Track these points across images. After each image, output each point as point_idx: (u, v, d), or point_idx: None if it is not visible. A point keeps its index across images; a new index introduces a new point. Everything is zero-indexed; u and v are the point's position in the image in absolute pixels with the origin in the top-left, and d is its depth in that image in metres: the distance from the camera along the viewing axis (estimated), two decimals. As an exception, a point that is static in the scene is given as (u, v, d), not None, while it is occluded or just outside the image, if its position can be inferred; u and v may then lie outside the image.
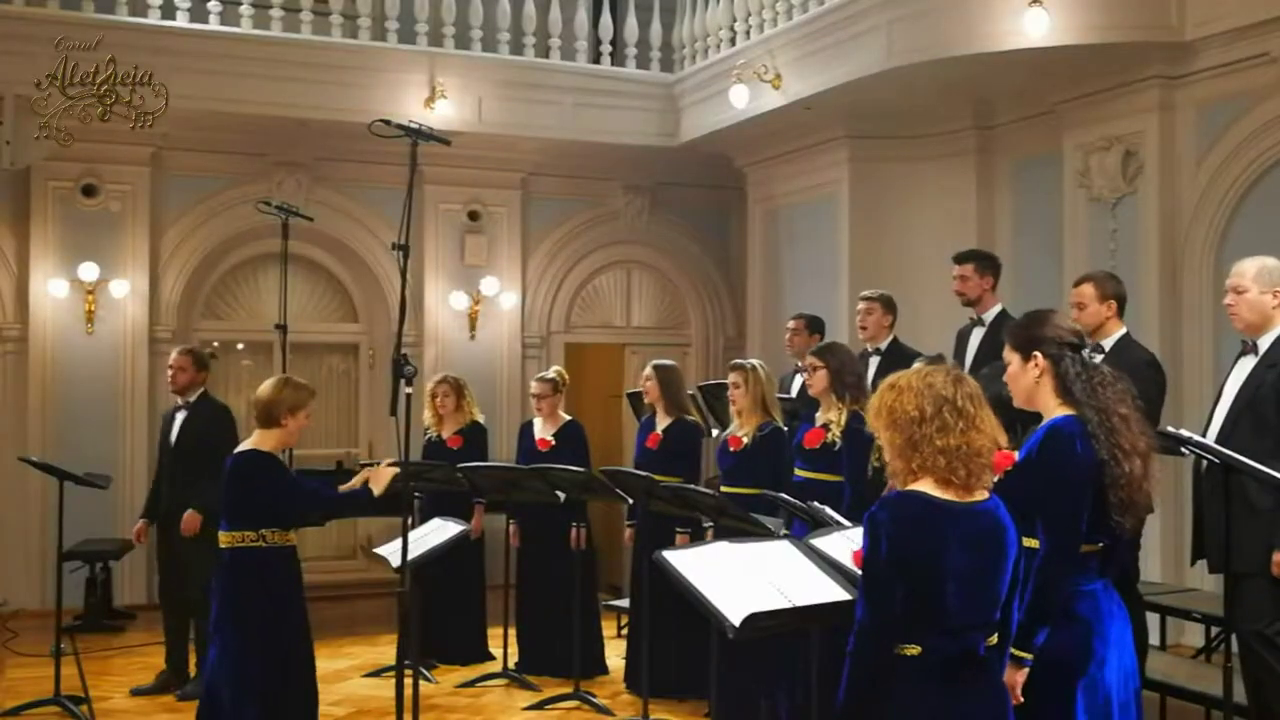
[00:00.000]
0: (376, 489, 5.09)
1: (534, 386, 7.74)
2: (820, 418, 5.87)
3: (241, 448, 5.07)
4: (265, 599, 4.92)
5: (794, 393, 7.29)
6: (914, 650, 2.90)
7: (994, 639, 3.02)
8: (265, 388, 5.10)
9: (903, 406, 3.00)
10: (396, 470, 5.12)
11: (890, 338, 7.00)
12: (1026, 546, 3.17)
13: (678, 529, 6.53)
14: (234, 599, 4.93)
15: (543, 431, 7.65)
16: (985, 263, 6.67)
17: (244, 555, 4.91)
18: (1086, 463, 3.32)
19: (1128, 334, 5.58)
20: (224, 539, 4.97)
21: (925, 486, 2.96)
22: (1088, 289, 5.54)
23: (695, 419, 7.20)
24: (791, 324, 7.67)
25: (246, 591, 4.91)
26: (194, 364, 7.07)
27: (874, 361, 6.87)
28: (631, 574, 7.26)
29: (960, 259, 6.67)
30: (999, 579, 2.97)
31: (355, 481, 5.15)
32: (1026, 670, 3.21)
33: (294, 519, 5.03)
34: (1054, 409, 3.43)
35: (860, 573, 3.07)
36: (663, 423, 7.10)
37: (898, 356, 6.72)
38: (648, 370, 7.25)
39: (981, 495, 2.99)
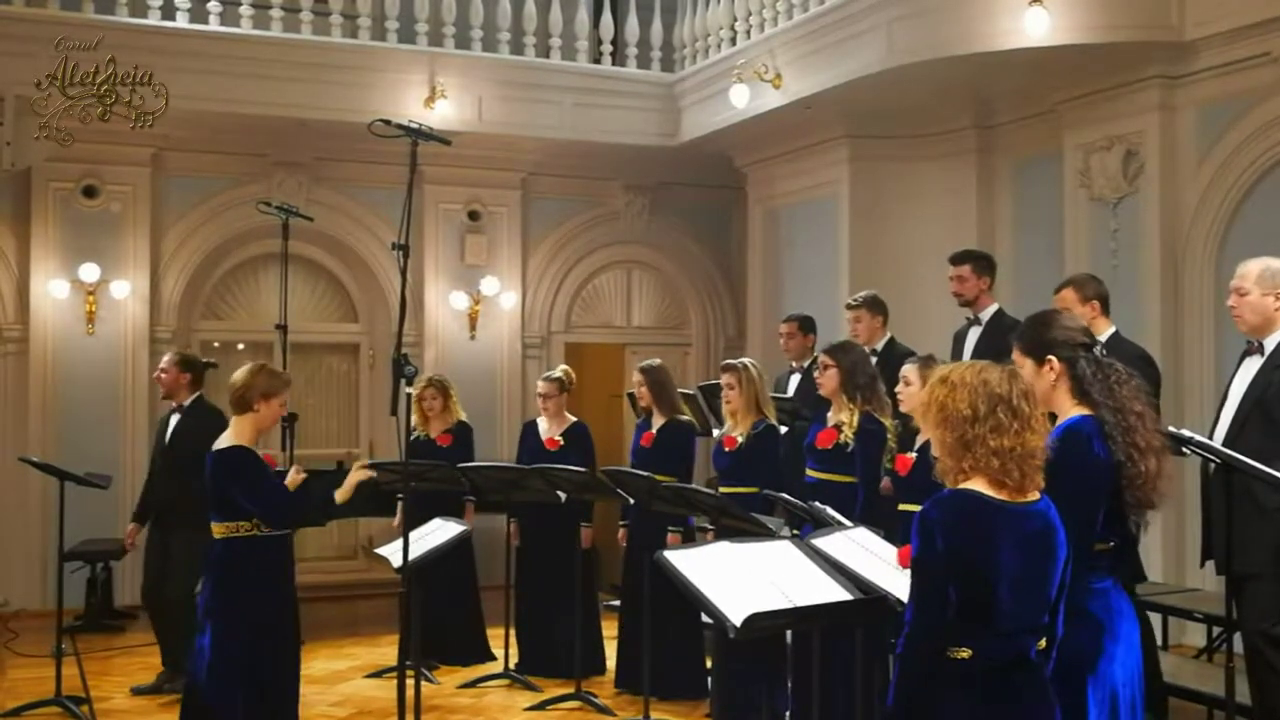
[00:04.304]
0: (340, 496, 5.15)
1: (540, 386, 7.73)
2: (832, 418, 5.85)
3: (220, 442, 5.08)
4: (258, 586, 4.96)
5: (791, 392, 7.29)
6: (965, 653, 2.83)
7: (1043, 642, 2.97)
8: (239, 374, 5.13)
9: (955, 404, 2.91)
10: (364, 476, 5.17)
11: (886, 337, 6.98)
12: None
13: (670, 528, 6.53)
14: (227, 586, 4.96)
15: (549, 431, 7.64)
16: (981, 263, 6.68)
17: (238, 544, 4.96)
18: (1103, 464, 3.29)
19: (1118, 332, 5.60)
20: (217, 529, 5.00)
21: (977, 485, 2.89)
22: (1068, 293, 5.57)
23: (688, 418, 7.19)
24: (784, 328, 7.61)
25: (240, 579, 4.95)
26: (177, 367, 7.07)
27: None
28: (624, 574, 7.26)
29: (956, 260, 6.68)
30: (1050, 581, 2.91)
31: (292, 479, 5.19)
32: None
33: (267, 515, 5.01)
34: (1069, 409, 3.39)
35: (894, 579, 3.01)
36: (658, 423, 7.09)
37: (895, 357, 6.70)
38: (636, 376, 7.22)
39: (1034, 495, 2.92)
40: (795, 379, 7.39)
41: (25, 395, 9.41)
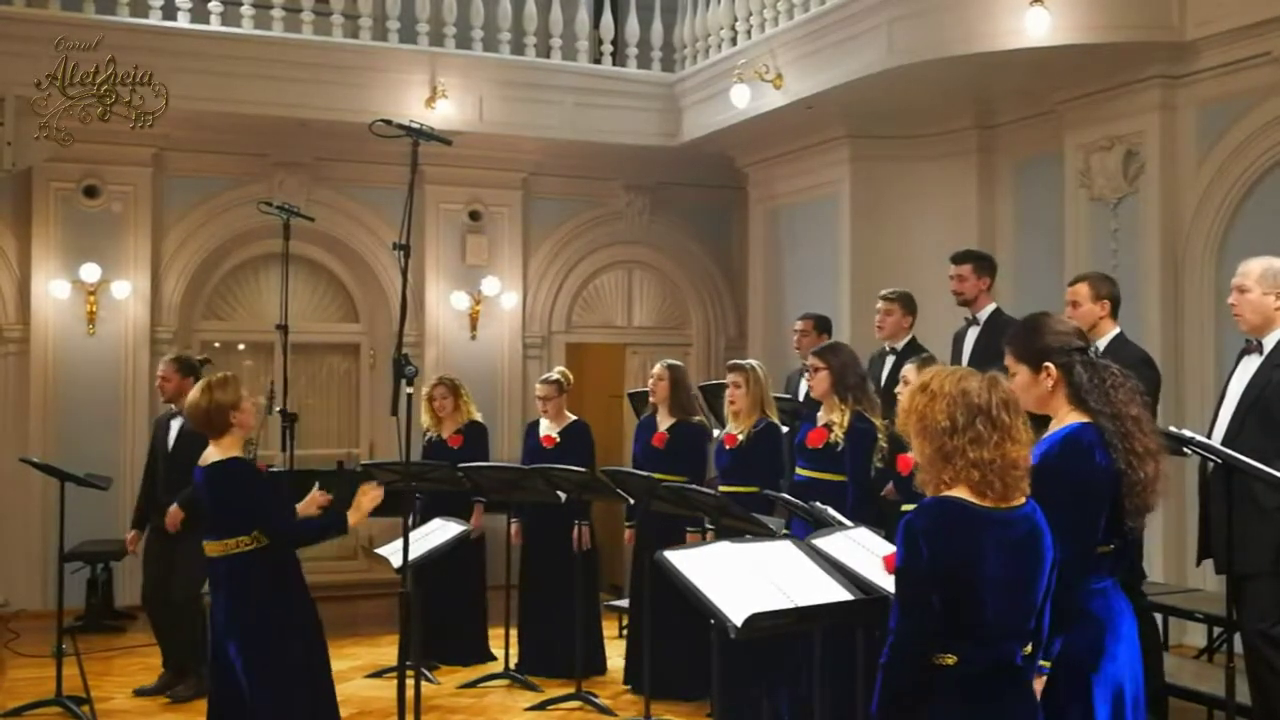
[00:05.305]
0: (354, 518, 5.02)
1: (539, 389, 7.74)
2: (822, 418, 5.89)
3: (209, 457, 4.88)
4: (275, 597, 4.84)
5: (801, 395, 7.27)
6: (950, 660, 2.81)
7: (1028, 648, 2.94)
8: (195, 400, 4.90)
9: (934, 415, 2.87)
10: (378, 499, 5.06)
11: (909, 337, 6.96)
12: None
13: (688, 529, 6.50)
14: (244, 603, 4.82)
15: (548, 430, 7.66)
16: (983, 263, 6.71)
17: (241, 560, 4.80)
18: (1105, 473, 3.26)
19: (1122, 333, 5.61)
20: (214, 548, 4.84)
21: (960, 493, 2.86)
22: (1083, 288, 5.61)
23: (700, 420, 7.17)
24: (799, 325, 7.65)
25: (255, 593, 4.81)
26: (178, 371, 7.07)
27: (889, 361, 6.86)
28: (632, 574, 7.25)
29: (958, 259, 6.71)
30: (1036, 587, 2.89)
31: (310, 503, 5.05)
32: (1044, 678, 3.17)
33: (272, 534, 4.84)
34: (1067, 415, 3.37)
35: (892, 580, 2.98)
36: (665, 423, 7.07)
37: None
38: (659, 369, 7.18)
39: (1018, 501, 2.89)
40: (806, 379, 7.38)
41: (25, 395, 9.41)
